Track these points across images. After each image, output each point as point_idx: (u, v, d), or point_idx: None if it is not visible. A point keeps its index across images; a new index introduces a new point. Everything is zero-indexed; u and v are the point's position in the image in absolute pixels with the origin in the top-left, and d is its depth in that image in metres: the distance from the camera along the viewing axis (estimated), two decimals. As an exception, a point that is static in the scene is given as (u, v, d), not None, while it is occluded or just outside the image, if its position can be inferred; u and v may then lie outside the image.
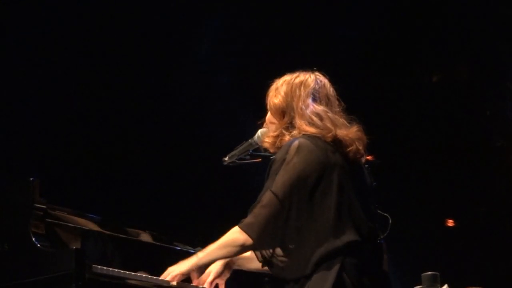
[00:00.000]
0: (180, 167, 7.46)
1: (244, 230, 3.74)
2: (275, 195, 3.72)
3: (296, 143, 3.78)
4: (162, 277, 4.04)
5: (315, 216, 3.71)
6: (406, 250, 7.42)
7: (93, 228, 4.63)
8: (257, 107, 4.18)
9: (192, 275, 4.04)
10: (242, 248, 3.79)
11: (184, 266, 3.95)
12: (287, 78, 3.98)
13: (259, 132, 4.12)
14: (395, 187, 7.46)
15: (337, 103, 3.96)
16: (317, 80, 3.95)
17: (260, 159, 4.15)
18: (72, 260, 4.06)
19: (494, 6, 7.75)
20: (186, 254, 4.65)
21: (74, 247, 4.15)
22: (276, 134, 3.92)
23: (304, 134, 3.82)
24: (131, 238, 4.80)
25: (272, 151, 3.95)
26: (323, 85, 3.95)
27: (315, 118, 3.83)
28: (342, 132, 3.82)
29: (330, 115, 3.86)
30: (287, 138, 3.86)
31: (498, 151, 8.11)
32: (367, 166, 3.96)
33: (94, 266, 4.11)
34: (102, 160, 7.15)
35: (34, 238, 4.24)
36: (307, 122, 3.83)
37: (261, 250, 3.79)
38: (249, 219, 3.75)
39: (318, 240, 3.69)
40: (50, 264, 4.14)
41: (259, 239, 3.73)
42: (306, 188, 3.73)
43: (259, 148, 4.12)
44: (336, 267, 3.66)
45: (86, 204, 5.24)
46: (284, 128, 3.90)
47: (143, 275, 4.26)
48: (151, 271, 4.28)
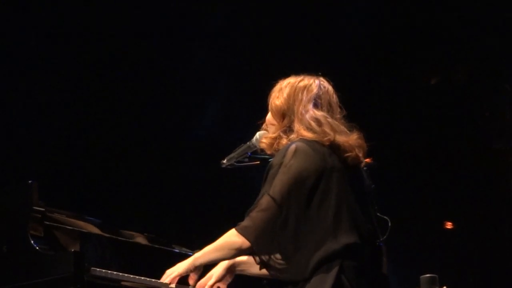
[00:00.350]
0: (178, 170, 7.46)
1: (241, 233, 3.74)
2: (273, 199, 3.72)
3: (293, 146, 3.78)
4: (161, 280, 4.04)
5: (314, 219, 3.71)
6: (405, 252, 7.42)
7: (91, 231, 4.63)
8: (256, 109, 4.17)
9: (190, 276, 4.03)
10: (239, 251, 3.78)
11: (181, 267, 3.95)
12: (291, 80, 3.97)
13: (258, 134, 4.12)
14: (394, 189, 7.45)
15: (339, 110, 3.96)
16: (320, 85, 3.94)
17: (258, 162, 4.14)
18: (71, 262, 4.06)
19: (492, 8, 7.75)
20: (184, 256, 4.64)
21: (73, 250, 4.16)
22: (274, 136, 3.92)
23: (301, 138, 3.82)
24: (130, 240, 4.80)
25: (269, 152, 3.95)
26: (326, 91, 3.95)
27: (314, 124, 3.83)
28: (341, 138, 3.82)
29: (330, 120, 3.85)
30: (284, 141, 3.86)
31: (496, 153, 8.11)
32: (365, 168, 3.96)
33: (92, 268, 4.11)
34: (101, 163, 7.14)
35: (33, 240, 4.24)
36: (305, 127, 3.83)
37: (259, 254, 3.79)
38: (246, 222, 3.74)
39: (317, 243, 3.69)
40: (48, 266, 4.14)
41: (256, 243, 3.73)
42: (303, 192, 3.73)
43: (257, 151, 4.11)
44: (335, 270, 3.66)
45: (84, 207, 5.25)
46: (282, 131, 3.90)
47: (142, 277, 4.26)
48: (149, 274, 4.28)
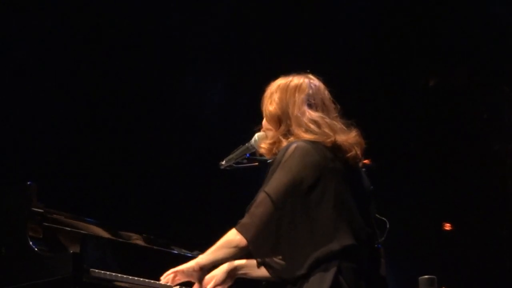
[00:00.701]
0: (177, 171, 7.46)
1: (239, 230, 3.74)
2: (268, 196, 3.71)
3: (293, 146, 3.76)
4: (162, 277, 4.02)
5: (311, 219, 3.70)
6: (404, 253, 7.43)
7: (90, 232, 4.63)
8: (254, 109, 4.17)
9: (193, 278, 4.01)
10: (238, 249, 3.77)
11: (185, 265, 3.94)
12: (280, 83, 3.92)
13: (256, 136, 4.10)
14: (392, 191, 7.46)
15: (333, 106, 3.91)
16: (311, 84, 3.89)
17: (257, 163, 4.13)
18: (70, 264, 4.07)
19: (491, 10, 7.76)
20: (183, 257, 4.66)
21: (72, 251, 4.16)
22: (273, 141, 3.90)
23: (302, 139, 3.80)
24: (129, 242, 4.80)
25: (268, 157, 3.94)
26: (317, 89, 3.90)
27: (313, 126, 3.79)
28: (341, 138, 3.79)
29: (328, 120, 3.82)
30: (284, 144, 3.85)
31: (495, 155, 8.11)
32: (364, 169, 3.96)
33: (91, 270, 4.12)
34: (100, 164, 7.14)
35: (32, 242, 4.25)
36: (304, 130, 3.79)
37: (255, 251, 3.79)
38: (244, 219, 3.74)
39: (315, 243, 3.68)
40: (47, 268, 4.15)
41: (253, 240, 3.71)
42: (301, 190, 3.71)
43: (256, 152, 4.10)
44: (332, 270, 3.65)
45: (83, 208, 5.25)
46: (281, 135, 3.88)
47: (141, 279, 4.27)
48: (148, 275, 4.29)
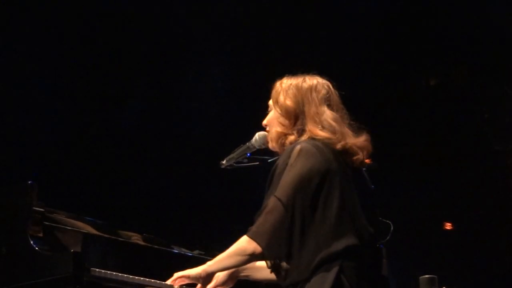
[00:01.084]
0: (177, 171, 7.46)
1: (253, 238, 3.70)
2: (280, 200, 3.70)
3: (298, 147, 3.76)
4: (171, 281, 4.02)
5: (317, 220, 3.70)
6: (405, 253, 7.42)
7: (91, 231, 4.63)
8: (254, 109, 4.17)
9: (199, 283, 4.00)
10: (252, 257, 3.74)
11: (192, 270, 3.93)
12: (293, 81, 3.92)
13: (257, 135, 4.10)
14: (393, 190, 7.46)
15: (343, 110, 3.92)
16: (325, 85, 3.90)
17: (257, 162, 4.13)
18: (70, 263, 4.07)
19: (492, 10, 7.76)
20: (183, 257, 4.66)
21: (72, 250, 4.16)
22: (283, 131, 3.87)
23: (308, 139, 3.80)
24: (129, 241, 4.80)
25: (273, 145, 3.91)
26: (332, 92, 3.91)
27: (334, 123, 3.79)
28: (351, 141, 3.81)
29: (341, 122, 3.83)
30: (292, 138, 3.83)
31: (496, 154, 8.12)
32: (365, 169, 3.96)
33: (92, 269, 4.12)
34: (100, 163, 7.15)
35: (32, 241, 4.25)
36: (320, 127, 3.78)
37: (270, 258, 3.77)
38: (256, 227, 3.71)
39: (318, 244, 3.68)
40: (48, 267, 4.15)
41: (268, 247, 3.69)
42: (308, 192, 3.71)
43: (256, 151, 4.10)
44: (334, 270, 3.65)
45: (84, 208, 5.25)
46: (296, 131, 3.87)
47: (141, 278, 4.27)
48: (148, 274, 4.29)
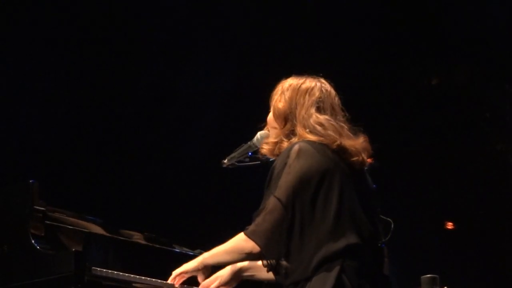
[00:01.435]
0: (179, 170, 7.46)
1: (251, 237, 3.71)
2: (279, 200, 3.70)
3: (296, 147, 3.77)
4: (171, 280, 4.03)
5: (317, 219, 3.70)
6: (406, 252, 7.42)
7: (92, 231, 4.63)
8: (256, 109, 4.17)
9: (198, 277, 4.01)
10: (249, 255, 3.76)
11: (189, 265, 3.94)
12: (293, 82, 3.94)
13: (259, 134, 4.11)
14: (395, 189, 7.46)
15: (342, 113, 3.92)
16: (322, 88, 3.91)
17: (259, 162, 4.13)
18: (72, 262, 4.07)
19: (493, 9, 7.76)
20: (184, 256, 4.66)
21: (74, 250, 4.16)
22: (275, 141, 3.90)
23: (304, 140, 3.80)
24: (130, 240, 4.80)
25: (270, 156, 3.94)
26: (328, 94, 3.92)
27: (318, 127, 3.79)
28: (348, 142, 3.80)
29: (334, 123, 3.83)
30: (285, 145, 3.84)
31: (497, 154, 8.11)
32: (366, 168, 3.96)
33: (93, 268, 4.12)
34: (102, 162, 7.15)
35: (34, 240, 4.25)
36: (308, 131, 3.80)
37: (268, 258, 3.77)
38: (255, 226, 3.72)
39: (319, 243, 3.68)
40: (49, 266, 4.15)
41: (266, 247, 3.71)
42: (308, 192, 3.72)
43: (258, 151, 4.10)
44: (336, 269, 3.65)
45: (85, 207, 5.25)
46: (284, 136, 3.88)
47: (143, 277, 4.27)
48: (150, 273, 4.29)
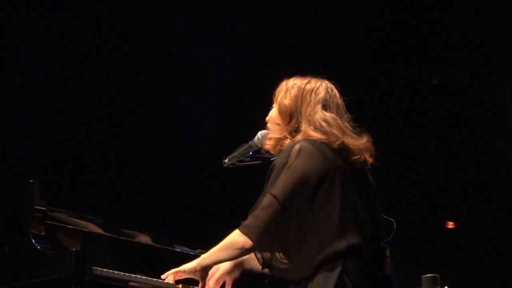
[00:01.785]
0: (179, 170, 7.46)
1: (243, 232, 3.74)
2: (275, 198, 3.72)
3: (297, 146, 3.77)
4: (164, 276, 4.04)
5: (317, 219, 3.71)
6: (407, 252, 7.42)
7: (93, 230, 4.63)
8: (257, 109, 4.17)
9: (197, 277, 4.02)
10: (242, 250, 3.78)
11: (187, 265, 3.96)
12: (297, 82, 3.95)
13: (259, 134, 4.11)
14: (395, 189, 7.45)
15: (345, 115, 3.94)
16: (327, 88, 3.94)
17: (260, 161, 4.14)
18: (72, 262, 4.07)
19: (493, 8, 7.75)
20: (185, 256, 4.66)
21: (74, 249, 4.16)
22: (279, 137, 3.91)
23: (306, 138, 3.81)
24: (131, 240, 4.81)
25: (272, 153, 3.95)
26: (334, 94, 3.95)
27: (324, 124, 3.81)
28: (350, 141, 3.82)
29: (339, 122, 3.85)
30: (288, 142, 3.85)
31: (498, 153, 8.11)
32: (368, 168, 3.96)
33: (94, 268, 4.12)
34: (102, 162, 7.15)
35: (34, 240, 4.25)
36: (313, 127, 3.81)
37: (261, 252, 3.80)
38: (248, 221, 3.75)
39: (320, 243, 3.69)
40: (50, 266, 4.15)
41: (258, 241, 3.73)
42: (307, 192, 3.72)
43: (259, 150, 4.11)
44: (337, 270, 3.66)
45: (86, 206, 5.25)
46: (288, 132, 3.89)
47: (143, 277, 4.27)
48: (150, 273, 4.28)
